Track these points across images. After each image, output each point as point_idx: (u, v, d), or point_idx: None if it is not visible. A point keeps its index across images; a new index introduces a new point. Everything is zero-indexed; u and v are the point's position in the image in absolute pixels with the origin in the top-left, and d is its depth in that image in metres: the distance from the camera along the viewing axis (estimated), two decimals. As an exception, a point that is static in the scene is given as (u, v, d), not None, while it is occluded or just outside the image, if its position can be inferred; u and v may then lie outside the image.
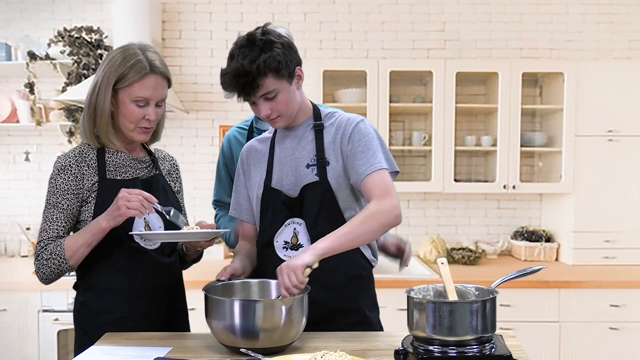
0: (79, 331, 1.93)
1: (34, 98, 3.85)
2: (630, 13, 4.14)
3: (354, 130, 1.86)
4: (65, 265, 1.80)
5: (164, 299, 1.99)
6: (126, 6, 3.74)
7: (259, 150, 2.01)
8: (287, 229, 1.89)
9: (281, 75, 1.77)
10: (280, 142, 1.96)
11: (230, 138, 2.38)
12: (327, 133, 1.90)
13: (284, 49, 1.78)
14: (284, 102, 1.82)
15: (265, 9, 4.14)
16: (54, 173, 1.84)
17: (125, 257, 1.88)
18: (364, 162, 1.82)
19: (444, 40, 4.14)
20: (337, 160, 1.86)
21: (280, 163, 1.93)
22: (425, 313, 1.46)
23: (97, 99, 1.85)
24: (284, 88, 1.80)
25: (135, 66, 1.82)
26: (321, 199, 1.85)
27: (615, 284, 3.42)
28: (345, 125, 1.88)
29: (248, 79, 1.73)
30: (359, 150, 1.83)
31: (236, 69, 1.74)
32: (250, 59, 1.73)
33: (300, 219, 1.88)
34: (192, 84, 4.16)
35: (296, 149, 1.91)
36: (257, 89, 1.76)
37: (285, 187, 1.89)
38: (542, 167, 4.14)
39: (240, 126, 2.39)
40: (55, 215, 1.83)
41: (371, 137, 1.86)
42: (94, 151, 1.89)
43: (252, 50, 1.74)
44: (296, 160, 1.90)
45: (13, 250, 4.15)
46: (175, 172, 2.13)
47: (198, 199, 4.13)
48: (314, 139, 1.90)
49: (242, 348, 1.58)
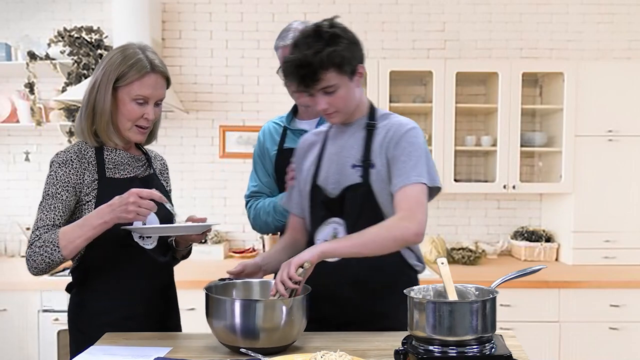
0: (75, 333, 1.91)
1: (34, 98, 3.85)
2: (630, 13, 4.14)
3: (403, 136, 1.82)
4: (57, 254, 1.72)
5: (163, 298, 1.99)
6: (126, 6, 3.74)
7: (313, 143, 2.00)
8: (327, 228, 1.88)
9: (343, 71, 1.75)
10: (332, 138, 1.95)
11: (265, 131, 2.39)
12: (377, 134, 1.86)
13: (349, 44, 1.76)
14: (342, 98, 1.80)
15: (265, 9, 4.14)
16: (55, 166, 1.83)
17: (124, 257, 1.88)
18: (402, 172, 1.78)
19: (444, 40, 4.14)
20: (382, 164, 1.83)
21: (329, 160, 1.91)
22: (425, 313, 1.46)
23: (97, 97, 1.85)
24: (344, 84, 1.78)
25: (136, 65, 1.83)
26: (362, 201, 1.82)
27: (615, 284, 3.42)
28: (395, 130, 1.84)
29: (309, 71, 1.72)
30: (401, 158, 1.80)
31: (298, 59, 1.72)
32: (315, 50, 1.71)
33: (341, 219, 1.86)
34: (192, 84, 4.15)
35: (344, 148, 1.89)
36: (317, 81, 1.74)
37: (329, 186, 1.88)
38: (542, 167, 4.14)
39: (277, 121, 2.40)
40: (53, 205, 1.79)
41: (417, 147, 1.81)
42: (92, 149, 1.89)
43: (317, 42, 1.72)
44: (343, 159, 1.88)
45: (13, 250, 4.14)
46: (165, 171, 2.14)
47: (198, 199, 4.13)
48: (364, 138, 1.87)
49: (242, 348, 1.58)
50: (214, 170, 4.18)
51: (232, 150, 4.15)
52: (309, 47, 1.71)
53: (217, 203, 4.18)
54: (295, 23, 2.25)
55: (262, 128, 2.43)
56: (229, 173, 4.17)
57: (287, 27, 2.26)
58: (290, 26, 2.25)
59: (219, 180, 4.18)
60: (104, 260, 1.87)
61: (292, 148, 2.25)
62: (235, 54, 4.16)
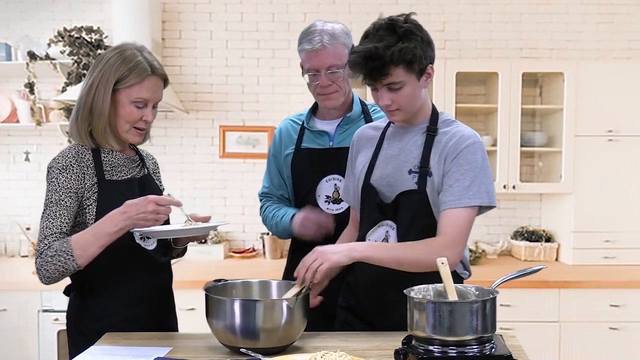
0: (76, 335, 1.90)
1: (34, 98, 3.85)
2: (630, 13, 4.14)
3: (461, 152, 1.76)
4: (72, 264, 1.72)
5: (163, 299, 1.99)
6: (126, 6, 3.74)
7: (370, 138, 1.96)
8: (380, 229, 1.85)
9: (412, 69, 1.71)
10: (390, 138, 1.90)
11: (282, 130, 2.33)
12: (438, 141, 1.81)
13: (422, 42, 1.72)
14: (407, 96, 1.75)
15: (265, 9, 4.14)
16: (55, 173, 1.81)
17: (127, 258, 1.87)
18: (455, 191, 1.74)
19: (444, 40, 4.14)
20: (438, 174, 1.79)
21: (385, 161, 1.87)
22: (425, 313, 1.46)
23: (95, 99, 1.83)
24: (411, 82, 1.74)
25: (137, 68, 1.82)
26: (417, 207, 1.79)
27: (615, 284, 3.42)
28: (455, 142, 1.78)
29: (379, 64, 1.68)
30: (455, 176, 1.75)
31: (368, 51, 1.67)
32: (386, 44, 1.67)
33: (394, 223, 1.83)
34: (192, 84, 4.15)
35: (403, 151, 1.84)
36: (385, 76, 1.70)
37: (383, 188, 1.84)
38: (542, 167, 4.14)
39: (294, 119, 2.33)
40: (59, 212, 1.77)
41: (475, 165, 1.75)
42: (89, 151, 1.87)
43: (390, 36, 1.68)
44: (400, 163, 1.83)
45: (13, 250, 4.14)
46: (158, 170, 2.14)
47: (198, 199, 4.13)
48: (423, 143, 1.82)
49: (242, 348, 1.58)
50: (214, 170, 4.18)
51: (232, 150, 4.15)
52: (380, 40, 1.67)
53: (217, 203, 4.18)
54: (319, 23, 2.16)
55: (279, 126, 2.36)
56: (229, 173, 4.17)
57: (311, 28, 2.14)
58: (314, 28, 2.13)
59: (219, 180, 4.18)
60: (104, 262, 1.85)
61: (310, 148, 2.23)
62: (235, 54, 4.15)
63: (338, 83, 2.13)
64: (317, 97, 2.20)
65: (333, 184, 2.20)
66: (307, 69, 2.15)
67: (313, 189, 2.21)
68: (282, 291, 1.79)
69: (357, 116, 2.25)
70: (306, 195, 2.24)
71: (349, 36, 2.16)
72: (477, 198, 1.75)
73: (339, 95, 2.17)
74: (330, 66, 2.10)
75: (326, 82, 2.12)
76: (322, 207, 2.20)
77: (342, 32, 2.14)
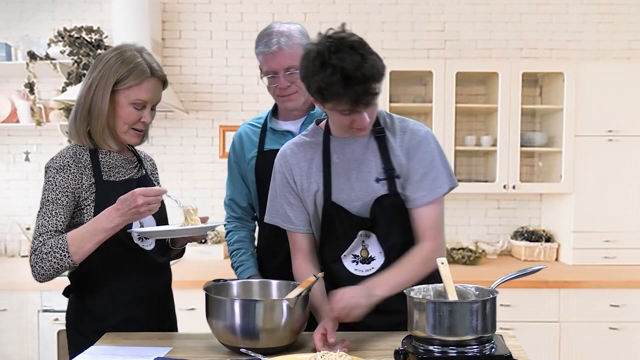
0: (76, 336, 1.90)
1: (34, 98, 3.85)
2: (630, 13, 4.14)
3: (419, 146, 1.78)
4: (67, 260, 1.70)
5: (161, 298, 1.99)
6: (126, 6, 3.74)
7: (304, 157, 1.84)
8: (355, 242, 1.81)
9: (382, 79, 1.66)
10: (338, 150, 1.81)
11: (242, 134, 2.27)
12: (390, 141, 1.80)
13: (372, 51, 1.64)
14: (376, 109, 1.72)
15: (265, 9, 4.14)
16: (52, 172, 1.79)
17: (125, 258, 1.87)
18: (423, 186, 1.76)
19: (444, 40, 4.14)
20: (404, 174, 1.78)
21: (343, 175, 1.79)
22: (425, 313, 1.46)
23: (94, 100, 1.83)
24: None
25: (136, 69, 1.81)
26: (392, 211, 1.78)
27: (615, 284, 3.42)
28: (410, 138, 1.79)
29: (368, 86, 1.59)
30: (420, 171, 1.77)
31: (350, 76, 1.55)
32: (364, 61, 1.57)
33: (370, 232, 1.80)
34: (192, 84, 4.15)
35: (362, 162, 1.79)
36: (374, 96, 1.63)
37: (351, 202, 1.78)
38: (542, 167, 4.14)
39: (253, 123, 2.28)
40: (55, 211, 1.76)
41: (434, 155, 1.78)
42: (87, 152, 1.87)
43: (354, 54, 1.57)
44: (363, 174, 1.79)
45: (13, 250, 4.14)
46: (155, 171, 2.14)
47: (198, 199, 4.13)
48: (378, 148, 1.79)
49: (242, 348, 1.58)
50: (214, 170, 4.18)
51: (232, 150, 4.15)
52: (351, 59, 1.56)
53: (217, 203, 4.16)
54: (275, 25, 2.10)
55: (237, 131, 2.28)
56: (229, 173, 4.17)
57: (268, 30, 2.09)
58: (271, 29, 2.08)
59: (219, 180, 4.17)
60: (104, 263, 1.85)
61: (274, 149, 2.13)
62: (235, 54, 4.15)
63: (297, 84, 2.07)
64: (277, 99, 2.16)
65: None
66: (265, 71, 2.12)
67: None
68: (282, 291, 1.80)
69: (319, 114, 2.19)
70: None
71: (305, 36, 2.11)
72: (444, 185, 1.79)
73: (299, 95, 2.12)
74: (288, 67, 2.06)
75: (285, 83, 2.08)
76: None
77: (299, 32, 2.10)
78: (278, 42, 2.05)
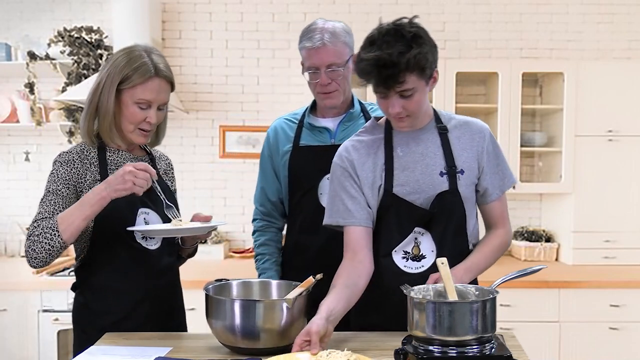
0: (78, 332, 1.92)
1: (34, 98, 3.85)
2: (630, 13, 4.14)
3: (488, 139, 1.86)
4: (57, 240, 1.70)
5: (165, 298, 1.99)
6: (126, 6, 3.74)
7: (367, 151, 1.85)
8: (409, 238, 1.81)
9: (425, 75, 1.68)
10: (402, 144, 1.83)
11: (277, 128, 2.27)
12: (455, 137, 1.83)
13: (431, 47, 1.69)
14: (417, 102, 1.72)
15: (265, 9, 4.14)
16: (57, 165, 1.83)
17: (128, 257, 1.88)
18: (497, 179, 1.86)
19: (444, 40, 4.14)
20: (471, 169, 1.82)
21: (408, 168, 1.81)
22: (425, 313, 1.46)
23: (100, 98, 1.84)
24: (421, 88, 1.70)
25: (140, 68, 1.82)
26: (451, 209, 1.79)
27: (615, 284, 3.42)
28: (479, 132, 1.85)
29: (394, 72, 1.63)
30: (494, 162, 1.86)
31: (381, 58, 1.62)
32: (399, 50, 1.62)
33: (424, 229, 1.80)
34: (192, 84, 4.15)
35: (426, 155, 1.81)
36: (400, 83, 1.65)
37: (413, 195, 1.79)
38: (542, 167, 4.14)
39: (289, 118, 2.28)
40: (54, 201, 1.79)
41: (498, 151, 1.88)
42: (95, 150, 1.89)
43: (399, 42, 1.63)
44: (428, 167, 1.80)
45: (13, 250, 4.14)
46: (170, 171, 2.14)
47: (198, 199, 4.13)
48: (441, 143, 1.82)
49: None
50: (214, 170, 4.18)
51: (232, 150, 4.15)
52: (390, 46, 1.62)
53: (217, 203, 4.18)
54: (320, 21, 2.13)
55: (273, 125, 2.29)
56: (229, 173, 4.17)
57: (312, 26, 2.13)
58: (315, 26, 2.12)
59: (219, 180, 4.18)
60: (107, 261, 1.87)
61: (310, 145, 2.19)
62: (235, 54, 4.15)
63: (338, 81, 2.12)
64: (317, 95, 2.18)
65: None
66: (307, 66, 2.13)
67: (314, 187, 2.18)
68: (282, 291, 1.80)
69: (358, 114, 2.24)
70: (304, 195, 2.19)
71: (350, 35, 2.15)
72: (510, 181, 1.90)
73: (339, 93, 2.15)
74: (330, 64, 2.09)
75: (326, 80, 2.11)
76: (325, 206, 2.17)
77: (343, 30, 2.13)
78: (322, 38, 2.07)
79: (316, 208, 2.15)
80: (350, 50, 2.14)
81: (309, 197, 2.19)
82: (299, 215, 2.23)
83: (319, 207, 2.14)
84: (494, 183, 1.85)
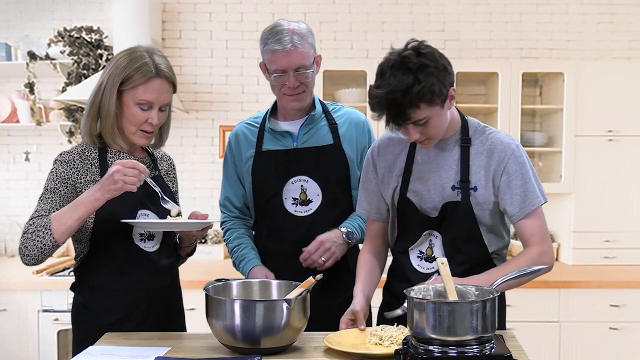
0: (77, 332, 1.92)
1: (34, 98, 3.85)
2: (630, 13, 4.14)
3: (510, 159, 1.82)
4: (49, 238, 1.70)
5: (163, 300, 1.99)
6: (126, 6, 3.74)
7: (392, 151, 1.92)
8: (423, 239, 1.88)
9: (435, 103, 1.69)
10: (423, 152, 1.87)
11: (239, 133, 2.24)
12: (475, 152, 1.83)
13: (439, 73, 1.68)
14: (435, 127, 1.74)
15: (265, 9, 4.14)
16: (57, 164, 1.84)
17: (127, 258, 1.88)
18: (522, 199, 1.80)
19: (444, 40, 4.14)
20: (486, 187, 1.82)
21: (423, 177, 1.86)
22: (425, 313, 1.46)
23: (102, 99, 1.84)
24: (436, 113, 1.71)
25: (141, 69, 1.81)
26: (461, 218, 1.82)
27: (615, 284, 3.42)
28: (500, 152, 1.82)
29: (399, 111, 1.66)
30: (514, 183, 1.81)
31: (386, 99, 1.65)
32: (404, 86, 1.63)
33: (438, 233, 1.86)
34: (192, 84, 4.15)
35: (442, 166, 1.85)
36: (408, 120, 1.69)
37: (426, 203, 1.85)
38: (542, 167, 4.14)
39: (250, 122, 2.24)
40: (51, 199, 1.79)
41: (527, 167, 1.84)
42: (96, 151, 1.89)
43: (405, 75, 1.64)
44: (441, 179, 1.84)
45: (13, 250, 4.14)
46: (172, 171, 2.13)
47: (198, 199, 4.13)
48: (460, 157, 1.83)
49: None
50: (214, 170, 4.17)
51: (232, 150, 4.14)
52: (396, 81, 1.64)
53: (217, 203, 4.16)
54: (284, 22, 2.06)
55: (234, 130, 2.26)
56: (229, 173, 4.17)
57: (278, 28, 2.04)
58: (281, 27, 2.04)
59: (218, 180, 4.12)
60: (106, 261, 1.87)
61: (272, 150, 2.14)
62: (235, 54, 4.15)
63: (306, 83, 2.07)
64: (283, 97, 2.10)
65: (299, 185, 2.13)
66: (273, 69, 2.06)
67: (278, 192, 2.13)
68: (282, 291, 1.80)
69: (319, 115, 2.19)
70: (269, 200, 2.15)
71: (313, 35, 2.10)
72: (535, 202, 1.81)
73: (306, 95, 2.11)
74: (298, 67, 2.03)
75: (294, 83, 2.04)
76: (290, 210, 2.13)
77: (308, 32, 2.08)
78: (292, 41, 2.01)
79: (282, 213, 2.13)
80: (314, 52, 2.10)
81: (274, 203, 2.15)
82: (266, 221, 2.19)
83: (285, 212, 2.12)
84: (513, 203, 1.80)
